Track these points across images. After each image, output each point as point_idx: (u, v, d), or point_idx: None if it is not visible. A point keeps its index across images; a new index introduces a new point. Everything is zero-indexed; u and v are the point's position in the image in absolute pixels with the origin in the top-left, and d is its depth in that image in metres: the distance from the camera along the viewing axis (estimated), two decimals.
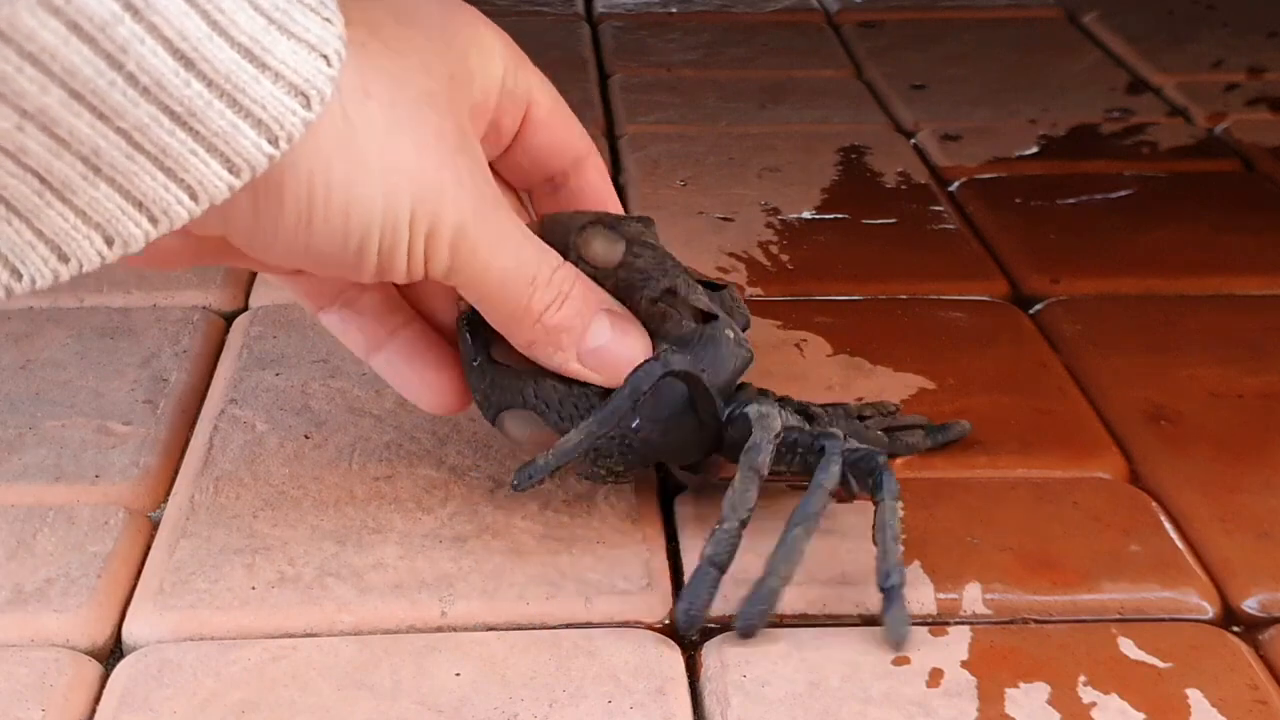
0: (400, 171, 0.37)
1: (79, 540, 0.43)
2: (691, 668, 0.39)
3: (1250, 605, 0.42)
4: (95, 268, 0.34)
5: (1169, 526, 0.45)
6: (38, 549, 0.43)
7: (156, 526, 0.44)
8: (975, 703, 0.38)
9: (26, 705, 0.37)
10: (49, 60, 0.30)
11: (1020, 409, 0.50)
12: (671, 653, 0.39)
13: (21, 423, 0.49)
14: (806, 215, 0.65)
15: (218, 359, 0.53)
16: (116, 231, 0.33)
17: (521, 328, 0.41)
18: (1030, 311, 0.57)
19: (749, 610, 0.39)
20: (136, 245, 0.33)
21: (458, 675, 0.38)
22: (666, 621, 0.41)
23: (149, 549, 0.43)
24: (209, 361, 0.53)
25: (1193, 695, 0.38)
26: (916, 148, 0.73)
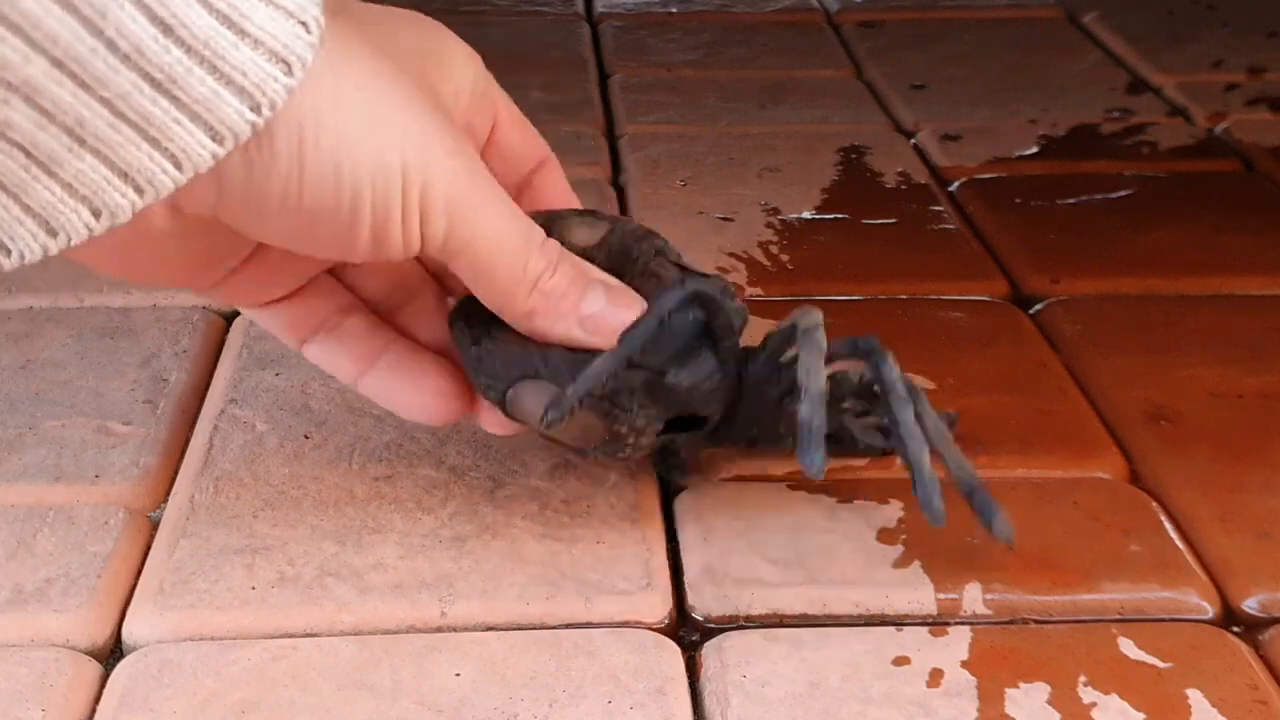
0: (389, 130, 0.37)
1: (79, 540, 0.43)
2: (691, 668, 0.39)
3: (1250, 605, 0.42)
4: (84, 240, 0.34)
5: (1169, 526, 0.45)
6: (38, 549, 0.43)
7: (156, 526, 0.44)
8: (975, 703, 0.38)
9: (26, 705, 0.37)
10: (31, 29, 0.30)
11: (1020, 409, 0.50)
12: (671, 653, 0.39)
13: (21, 423, 0.49)
14: (806, 215, 0.65)
15: (218, 359, 0.53)
16: (103, 203, 0.33)
17: (519, 296, 0.40)
18: (1030, 311, 0.57)
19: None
20: (124, 216, 0.34)
21: (458, 675, 0.38)
22: (667, 621, 0.41)
23: (149, 549, 0.43)
24: (209, 361, 0.53)
25: (1193, 695, 0.38)
26: (916, 148, 0.73)
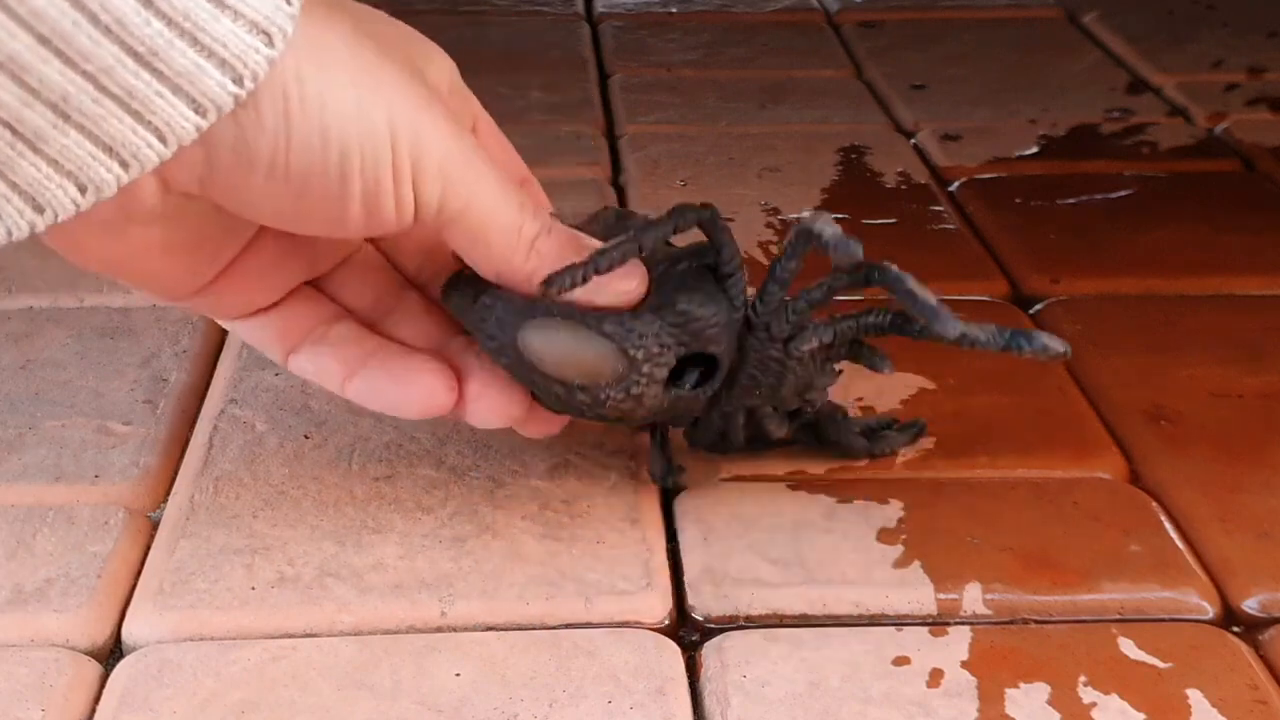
0: (375, 97, 0.37)
1: (79, 540, 0.43)
2: (691, 668, 0.39)
3: (1250, 605, 0.42)
4: (70, 216, 0.34)
5: (1169, 526, 0.45)
6: (38, 549, 0.43)
7: (156, 526, 0.44)
8: (975, 703, 0.38)
9: (26, 705, 0.37)
10: (16, 4, 0.31)
11: (1020, 409, 0.50)
12: (671, 653, 0.39)
13: (21, 423, 0.49)
14: (807, 215, 0.65)
15: (217, 359, 0.53)
16: (89, 178, 0.33)
17: (518, 258, 0.40)
18: (1030, 311, 0.57)
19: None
20: (109, 191, 0.34)
21: (458, 675, 0.38)
22: (667, 621, 0.41)
23: (149, 549, 0.43)
24: (209, 361, 0.53)
25: (1193, 695, 0.38)
26: (916, 148, 0.73)
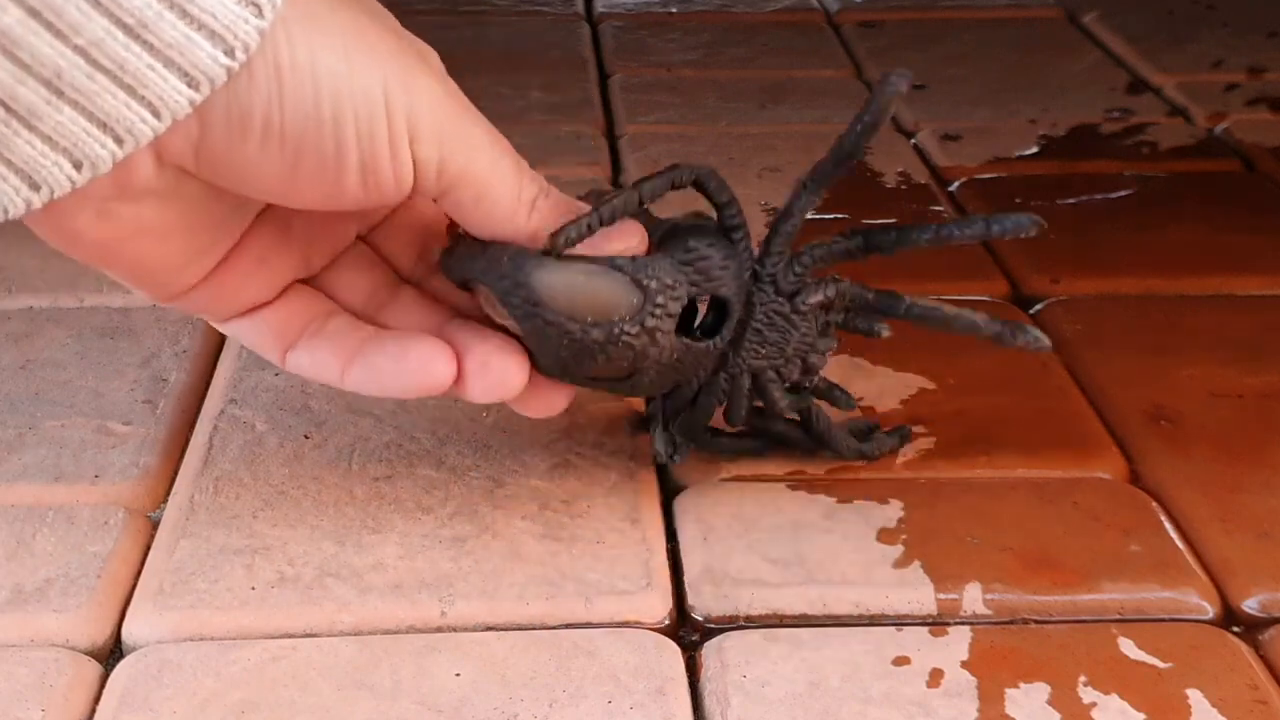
0: (367, 59, 0.37)
1: (79, 540, 0.43)
2: (691, 668, 0.39)
3: (1250, 605, 0.42)
4: (66, 193, 0.34)
5: (1169, 526, 0.45)
6: (38, 549, 0.43)
7: (156, 526, 0.44)
8: (975, 703, 0.38)
9: (26, 705, 0.37)
10: None
11: (1020, 409, 0.50)
12: (671, 653, 0.39)
13: (21, 423, 0.49)
14: (806, 215, 0.65)
15: (217, 359, 0.53)
16: (84, 155, 0.34)
17: (521, 218, 0.40)
18: (1030, 311, 0.57)
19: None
20: (104, 167, 0.34)
21: (458, 675, 0.38)
22: (667, 621, 0.41)
23: (149, 549, 0.43)
24: (209, 361, 0.53)
25: (1193, 695, 0.38)
26: (916, 148, 0.73)
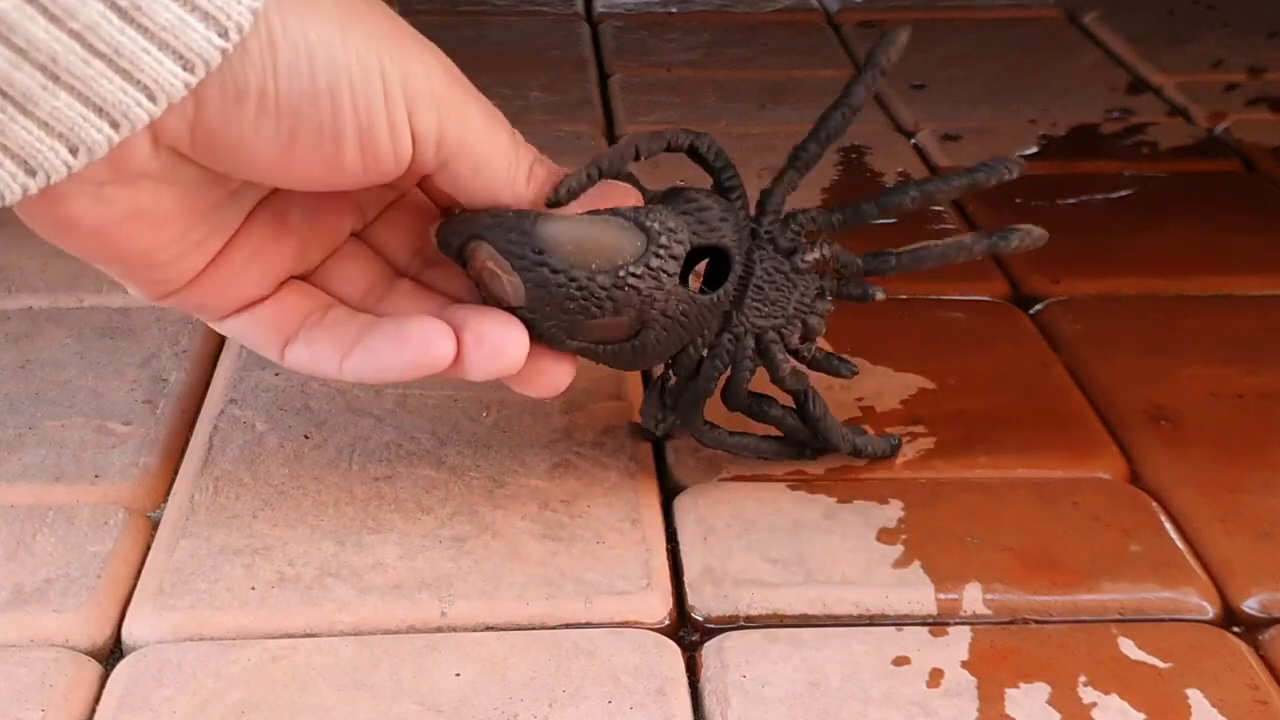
0: (361, 32, 0.36)
1: (79, 540, 0.43)
2: (691, 668, 0.39)
3: (1250, 605, 0.42)
4: (62, 178, 0.34)
5: (1169, 526, 0.45)
6: (38, 549, 0.43)
7: (156, 526, 0.44)
8: (975, 703, 0.38)
9: (26, 705, 0.37)
10: None
11: (1020, 409, 0.50)
12: (671, 653, 0.39)
13: (21, 423, 0.49)
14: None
15: (217, 359, 0.53)
16: (80, 140, 0.34)
17: (520, 183, 0.40)
18: (1030, 311, 0.57)
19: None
20: (101, 152, 0.34)
21: (458, 675, 0.38)
22: (667, 622, 0.41)
23: (149, 549, 0.43)
24: (209, 361, 0.53)
25: (1193, 695, 0.38)
26: (916, 148, 0.73)
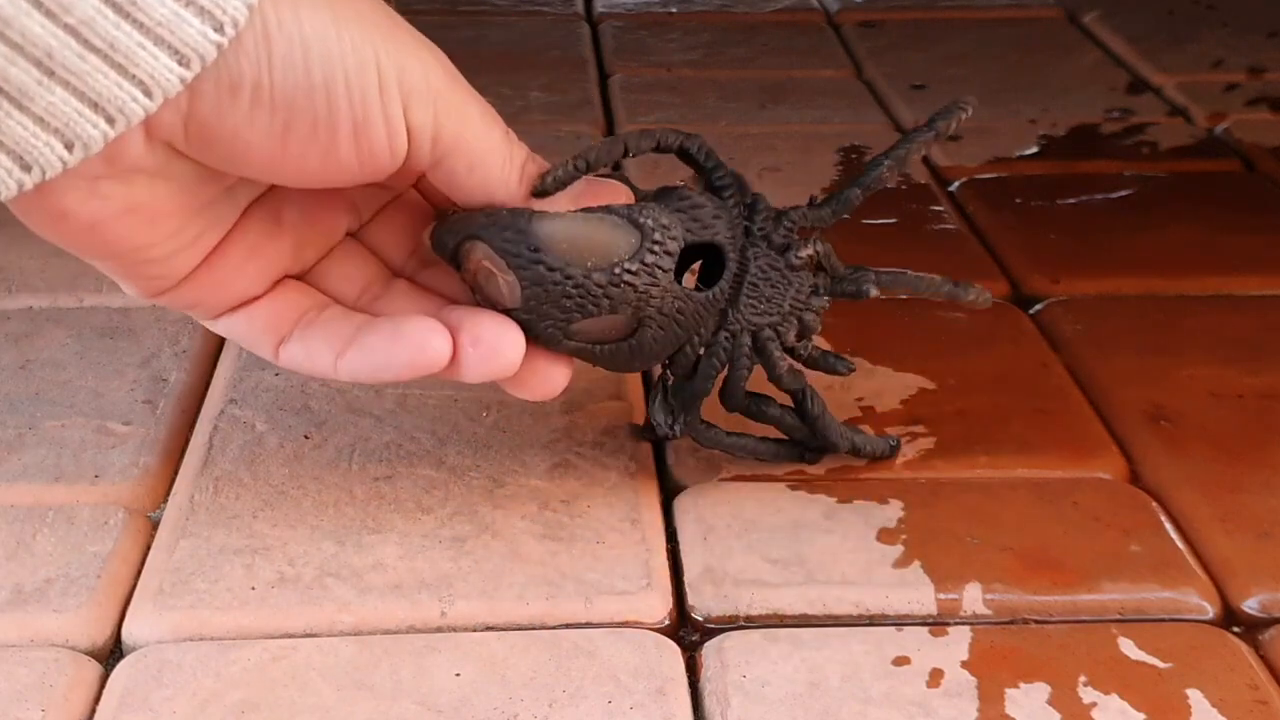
0: (356, 26, 0.36)
1: (79, 540, 0.43)
2: (691, 668, 0.39)
3: (1250, 605, 0.42)
4: (58, 174, 0.34)
5: (1169, 526, 0.45)
6: (37, 549, 0.43)
7: (156, 526, 0.44)
8: (975, 703, 0.38)
9: (26, 705, 0.37)
10: None
11: (1020, 409, 0.50)
12: (671, 653, 0.39)
13: (21, 423, 0.49)
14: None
15: (217, 359, 0.53)
16: (75, 135, 0.34)
17: (513, 180, 0.40)
18: (1030, 311, 0.57)
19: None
20: (96, 147, 0.34)
21: (458, 675, 0.38)
22: (667, 622, 0.41)
23: (149, 549, 0.43)
24: (209, 361, 0.53)
25: (1193, 695, 0.38)
26: None
